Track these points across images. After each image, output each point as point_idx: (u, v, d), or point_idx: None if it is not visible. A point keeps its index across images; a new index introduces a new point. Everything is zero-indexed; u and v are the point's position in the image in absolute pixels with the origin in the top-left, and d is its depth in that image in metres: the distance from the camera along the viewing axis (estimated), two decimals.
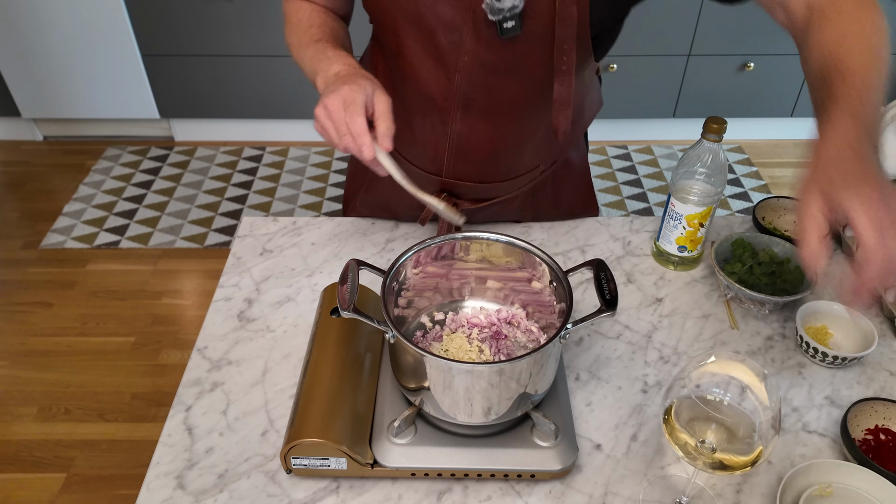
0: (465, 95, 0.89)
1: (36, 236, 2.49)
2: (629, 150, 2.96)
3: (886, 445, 0.78)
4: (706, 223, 0.98)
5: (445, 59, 0.86)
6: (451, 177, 1.00)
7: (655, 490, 0.76)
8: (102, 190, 2.72)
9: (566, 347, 0.92)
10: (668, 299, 1.00)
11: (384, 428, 0.76)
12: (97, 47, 2.64)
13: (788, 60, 2.73)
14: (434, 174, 1.00)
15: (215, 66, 2.69)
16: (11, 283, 2.31)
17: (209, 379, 0.88)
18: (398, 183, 0.83)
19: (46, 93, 2.76)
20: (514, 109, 0.92)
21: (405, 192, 0.85)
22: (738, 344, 0.93)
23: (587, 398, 0.86)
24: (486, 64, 0.85)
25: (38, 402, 1.93)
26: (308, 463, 0.74)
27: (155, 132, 3.01)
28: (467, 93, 0.89)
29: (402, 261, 0.80)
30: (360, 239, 1.09)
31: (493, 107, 0.91)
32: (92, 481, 1.74)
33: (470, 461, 0.75)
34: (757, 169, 2.86)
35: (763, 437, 0.64)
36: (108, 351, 2.08)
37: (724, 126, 0.90)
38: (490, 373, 0.69)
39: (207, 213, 2.61)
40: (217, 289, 1.01)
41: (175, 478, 0.77)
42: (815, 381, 0.88)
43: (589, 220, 1.14)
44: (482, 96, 0.89)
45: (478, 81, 0.88)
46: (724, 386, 0.69)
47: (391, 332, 0.72)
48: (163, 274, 2.35)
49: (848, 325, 0.92)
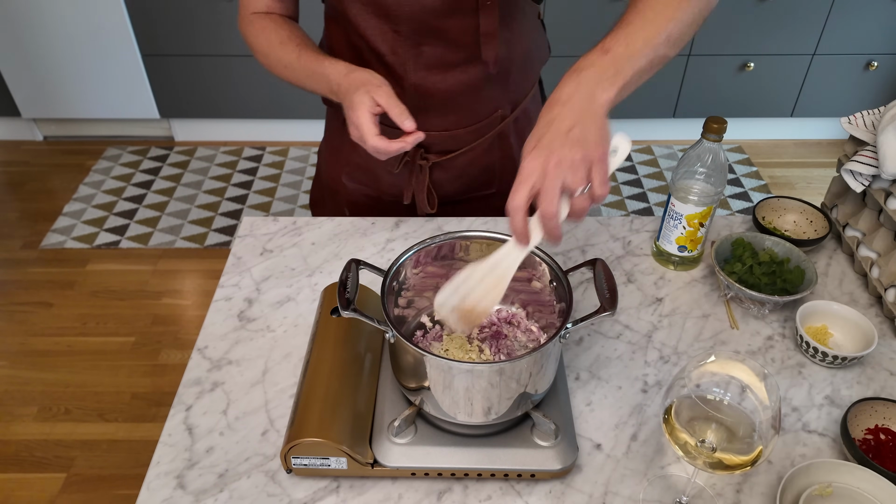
0: (413, 46, 0.95)
1: (36, 236, 2.50)
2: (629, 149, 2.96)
3: (886, 445, 0.78)
4: (706, 223, 0.98)
5: (389, 12, 0.92)
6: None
7: (655, 490, 0.76)
8: (102, 190, 2.72)
9: (566, 347, 0.92)
10: (668, 299, 1.00)
11: (384, 427, 0.76)
12: (97, 47, 2.64)
13: (788, 60, 2.73)
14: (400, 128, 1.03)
15: (215, 66, 2.70)
16: (11, 283, 2.31)
17: (209, 379, 0.88)
18: None
19: (46, 93, 2.76)
20: (460, 51, 0.96)
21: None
22: (738, 344, 0.93)
23: (587, 398, 0.86)
24: (427, 8, 0.90)
25: (38, 402, 1.93)
26: (308, 462, 0.74)
27: (155, 132, 3.01)
28: (415, 43, 0.94)
29: (402, 261, 0.80)
30: (360, 239, 1.09)
31: (441, 53, 0.96)
32: (92, 481, 1.74)
33: (470, 461, 0.75)
34: (757, 169, 2.86)
35: (763, 437, 0.64)
36: (108, 351, 2.08)
37: (725, 126, 0.90)
38: (490, 373, 0.69)
39: (207, 213, 2.61)
40: (217, 289, 1.01)
41: (175, 477, 0.77)
42: (815, 380, 0.88)
43: (589, 219, 1.14)
44: (429, 45, 0.95)
45: (422, 29, 0.93)
46: (724, 385, 0.69)
47: (391, 331, 0.72)
48: (163, 274, 2.35)
49: (848, 325, 0.92)
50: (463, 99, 1.02)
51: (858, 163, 0.99)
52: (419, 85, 0.99)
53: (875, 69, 2.75)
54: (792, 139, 3.05)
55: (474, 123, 1.05)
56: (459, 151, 1.08)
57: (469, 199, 1.17)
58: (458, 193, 1.14)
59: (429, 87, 0.99)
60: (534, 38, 1.07)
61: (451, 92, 1.00)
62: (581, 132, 0.68)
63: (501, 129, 1.09)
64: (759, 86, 2.79)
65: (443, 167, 1.09)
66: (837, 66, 2.75)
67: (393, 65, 0.97)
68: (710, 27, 2.61)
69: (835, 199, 1.12)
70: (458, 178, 1.12)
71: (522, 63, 1.05)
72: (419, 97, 1.00)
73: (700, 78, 2.76)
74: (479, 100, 1.03)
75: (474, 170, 1.12)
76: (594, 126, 0.68)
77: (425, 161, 1.07)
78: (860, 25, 2.64)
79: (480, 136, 1.08)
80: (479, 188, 1.15)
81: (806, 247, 1.03)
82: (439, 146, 1.07)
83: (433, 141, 1.05)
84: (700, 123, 0.96)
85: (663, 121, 2.95)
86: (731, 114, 2.85)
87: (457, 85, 1.00)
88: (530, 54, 1.07)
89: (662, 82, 2.76)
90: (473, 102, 1.03)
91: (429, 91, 1.00)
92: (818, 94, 2.82)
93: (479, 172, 1.12)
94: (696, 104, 2.83)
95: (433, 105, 1.01)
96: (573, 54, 0.75)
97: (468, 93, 1.01)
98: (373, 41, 0.96)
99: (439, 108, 1.02)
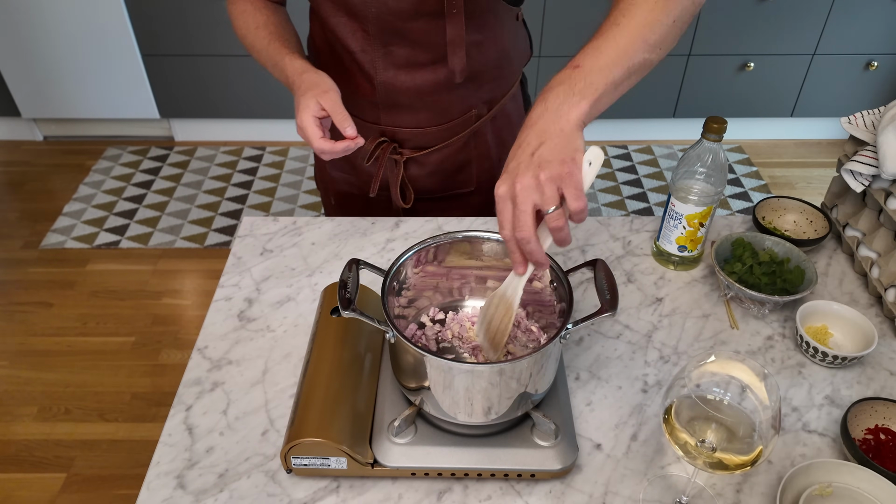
0: (381, 45, 0.97)
1: (36, 236, 2.50)
2: (629, 149, 2.96)
3: (886, 445, 0.78)
4: (706, 223, 0.98)
5: (357, 12, 0.94)
6: (388, 125, 1.07)
7: (655, 489, 0.76)
8: (102, 190, 2.72)
9: (566, 347, 0.92)
10: (668, 299, 1.00)
11: (384, 427, 0.76)
12: (97, 47, 2.64)
13: (788, 60, 2.73)
14: (373, 123, 1.07)
15: (215, 66, 2.70)
16: (11, 283, 2.31)
17: (209, 378, 0.88)
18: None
19: (46, 93, 2.76)
20: (428, 52, 0.98)
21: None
22: (738, 343, 0.93)
23: (587, 398, 0.86)
24: (392, 10, 0.92)
25: (38, 402, 1.93)
26: (308, 462, 0.74)
27: (155, 132, 3.01)
28: (383, 42, 0.97)
29: (403, 261, 0.80)
30: (360, 239, 1.09)
31: (409, 54, 0.98)
32: (92, 481, 1.74)
33: (470, 461, 0.75)
34: (757, 169, 2.86)
35: (763, 437, 0.64)
36: (108, 351, 2.08)
37: (725, 126, 0.90)
38: (490, 373, 0.69)
39: (207, 212, 2.61)
40: (217, 288, 1.01)
41: (175, 477, 0.77)
42: (815, 380, 0.88)
43: (589, 219, 1.14)
44: (397, 45, 0.97)
45: (390, 29, 0.95)
46: (724, 385, 0.69)
47: (391, 331, 0.72)
48: (163, 274, 2.35)
49: (848, 325, 0.92)
50: (432, 98, 1.03)
51: (858, 163, 0.99)
52: (388, 83, 1.01)
53: (875, 69, 2.75)
54: (792, 139, 3.05)
55: (447, 122, 1.07)
56: (433, 148, 1.09)
57: (447, 197, 1.18)
58: (435, 190, 1.16)
59: (398, 85, 1.01)
60: (510, 39, 1.06)
61: (420, 90, 1.02)
62: (546, 151, 0.67)
63: (477, 127, 1.10)
64: (759, 86, 2.79)
65: (418, 162, 1.11)
66: (837, 66, 2.75)
67: (363, 62, 1.00)
68: (710, 27, 2.61)
69: (835, 198, 1.12)
70: (433, 173, 1.13)
71: (497, 64, 1.06)
72: (388, 94, 1.02)
73: (700, 78, 2.76)
74: (450, 99, 1.04)
75: (450, 166, 1.13)
76: (560, 144, 0.67)
77: (399, 156, 1.09)
78: (860, 25, 2.64)
79: (454, 135, 1.09)
80: (457, 186, 1.16)
81: (806, 247, 1.03)
82: (412, 142, 1.09)
83: (406, 137, 1.08)
84: (700, 123, 0.96)
85: (663, 121, 2.95)
86: (731, 114, 2.85)
87: (426, 84, 1.01)
88: (507, 55, 1.07)
89: (662, 82, 2.76)
90: (444, 101, 1.04)
91: (398, 89, 1.01)
92: (818, 94, 2.82)
93: (455, 170, 1.14)
94: (696, 104, 2.83)
95: (402, 102, 1.03)
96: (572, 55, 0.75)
97: (438, 92, 1.02)
98: (344, 39, 0.98)
99: (409, 105, 1.04)
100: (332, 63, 1.03)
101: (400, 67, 0.99)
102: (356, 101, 1.04)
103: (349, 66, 1.01)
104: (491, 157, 1.14)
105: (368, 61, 0.99)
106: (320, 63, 1.06)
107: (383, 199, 1.16)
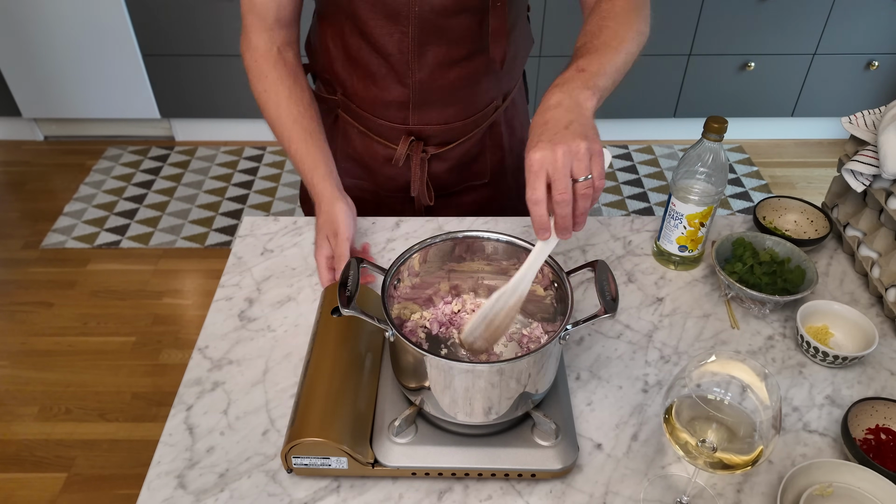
0: (419, 45, 0.98)
1: (36, 236, 2.50)
2: (630, 149, 2.96)
3: (887, 445, 0.78)
4: (707, 223, 0.98)
5: (398, 12, 0.95)
6: (416, 124, 1.07)
7: (656, 489, 0.76)
8: (103, 190, 2.72)
9: (567, 347, 0.92)
10: (669, 299, 1.00)
11: (385, 427, 0.76)
12: (98, 47, 2.64)
13: (788, 60, 2.73)
14: (401, 124, 1.07)
15: (216, 66, 2.70)
16: (12, 283, 2.31)
17: (210, 378, 0.88)
18: None
19: (47, 93, 2.76)
20: (462, 48, 1.00)
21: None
22: (739, 343, 0.93)
23: (588, 398, 0.86)
24: (436, 8, 0.94)
25: (38, 402, 1.93)
26: (309, 462, 0.74)
27: (155, 132, 3.01)
28: (421, 42, 0.98)
29: (403, 260, 0.80)
30: (361, 238, 1.09)
31: (445, 52, 1.00)
32: (93, 481, 1.74)
33: (470, 461, 0.75)
34: (757, 168, 2.86)
35: (763, 437, 0.64)
36: (108, 351, 2.08)
37: (725, 126, 0.90)
38: (490, 373, 0.69)
39: (208, 212, 2.62)
40: (218, 288, 1.01)
41: (176, 477, 0.77)
42: (815, 380, 0.88)
43: (589, 219, 1.14)
44: (434, 42, 0.98)
45: (429, 28, 0.96)
46: (725, 385, 0.69)
47: (391, 330, 0.72)
48: (163, 274, 2.35)
49: (848, 325, 0.92)
50: (462, 93, 1.05)
51: (859, 162, 0.99)
52: (423, 82, 1.02)
53: (875, 69, 2.75)
54: (792, 139, 3.04)
55: (472, 115, 1.09)
56: (457, 143, 1.11)
57: (463, 190, 1.19)
58: (452, 184, 1.17)
59: (431, 83, 1.03)
60: (523, 31, 1.10)
61: (452, 87, 1.04)
62: (579, 126, 0.71)
63: (494, 118, 1.13)
64: (759, 85, 2.79)
65: (440, 158, 1.12)
66: (838, 66, 2.75)
67: (397, 64, 1.00)
68: (710, 27, 2.61)
69: (835, 198, 1.12)
70: (453, 168, 1.14)
71: (518, 53, 1.09)
72: (422, 93, 1.04)
73: (701, 78, 2.75)
74: (477, 92, 1.07)
75: (468, 159, 1.14)
76: (588, 125, 0.73)
77: (424, 154, 1.10)
78: (860, 25, 2.64)
79: (476, 127, 1.11)
80: (472, 178, 1.18)
81: (806, 246, 1.03)
82: (437, 139, 1.10)
83: (432, 133, 1.09)
84: (701, 123, 0.96)
85: (664, 120, 2.95)
86: (731, 113, 2.85)
87: (458, 80, 1.03)
88: (519, 48, 1.10)
89: (663, 82, 2.76)
90: (472, 95, 1.07)
91: (431, 87, 1.03)
92: (819, 93, 2.82)
93: (472, 161, 1.15)
94: (696, 104, 2.83)
95: (434, 100, 1.05)
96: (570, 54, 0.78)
97: (468, 86, 1.05)
98: (380, 41, 0.98)
99: (440, 102, 1.05)
100: (351, 67, 1.04)
101: (435, 66, 1.01)
102: (384, 105, 1.05)
103: (377, 70, 1.02)
104: (503, 147, 1.17)
105: (404, 63, 1.00)
106: (335, 69, 1.06)
107: (396, 200, 1.18)
